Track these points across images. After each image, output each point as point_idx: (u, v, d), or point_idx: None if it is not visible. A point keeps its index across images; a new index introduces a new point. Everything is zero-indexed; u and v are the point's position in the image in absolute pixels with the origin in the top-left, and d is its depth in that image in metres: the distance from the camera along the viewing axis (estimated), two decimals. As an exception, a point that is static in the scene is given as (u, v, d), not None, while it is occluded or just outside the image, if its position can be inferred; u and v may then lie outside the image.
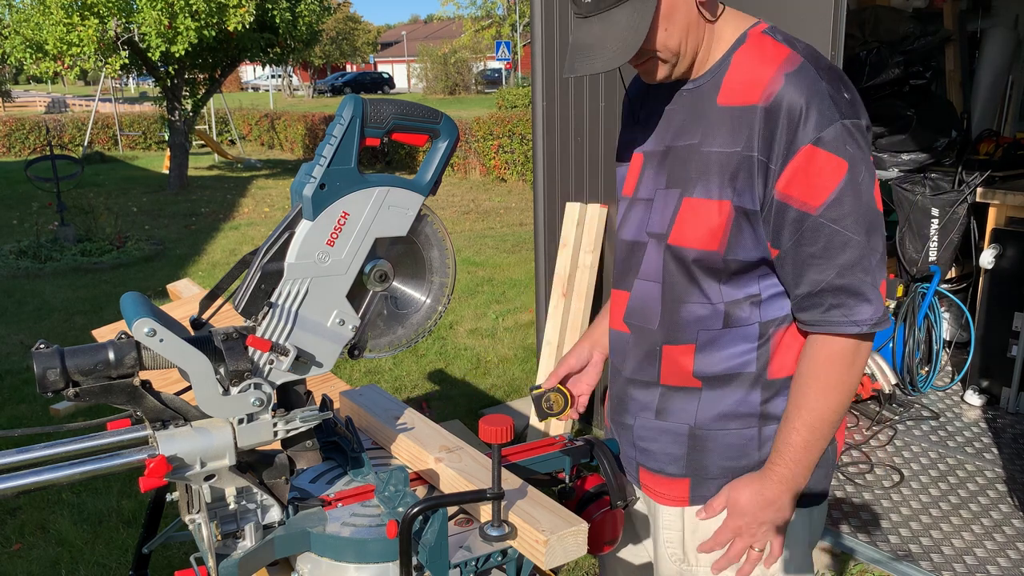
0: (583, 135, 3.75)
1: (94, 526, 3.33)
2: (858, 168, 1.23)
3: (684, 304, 1.39)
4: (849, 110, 1.24)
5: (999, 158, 4.18)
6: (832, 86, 1.25)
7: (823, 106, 1.22)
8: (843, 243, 1.24)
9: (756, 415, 1.39)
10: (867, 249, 1.25)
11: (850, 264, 1.25)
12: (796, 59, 1.27)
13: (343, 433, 1.49)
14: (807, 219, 1.24)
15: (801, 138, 1.22)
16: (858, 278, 1.25)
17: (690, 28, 1.32)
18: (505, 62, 37.61)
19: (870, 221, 1.25)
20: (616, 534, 1.52)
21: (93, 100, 20.80)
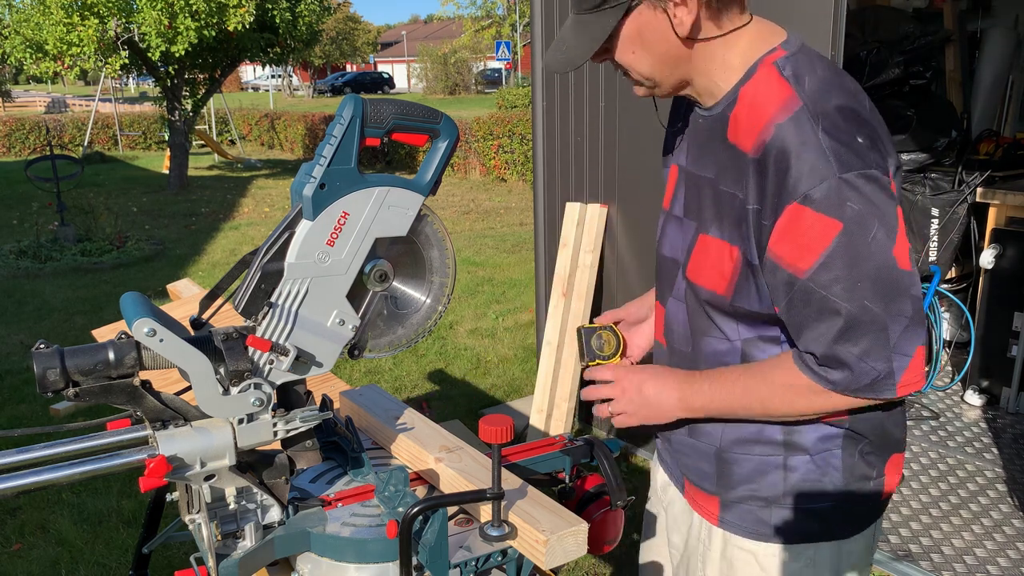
0: (583, 135, 3.75)
1: (94, 526, 3.33)
2: (862, 227, 1.10)
3: (704, 336, 1.37)
4: (855, 160, 1.11)
5: (999, 158, 4.18)
6: (834, 135, 1.12)
7: (816, 161, 1.11)
8: (833, 311, 1.13)
9: (779, 443, 1.33)
10: (874, 314, 1.13)
11: (839, 333, 1.15)
12: (794, 104, 1.16)
13: (343, 433, 1.50)
14: (796, 282, 1.16)
15: (788, 196, 1.13)
16: (845, 349, 1.15)
17: (669, 57, 1.24)
18: (505, 62, 37.61)
19: (889, 286, 1.12)
20: (616, 534, 1.52)
21: (93, 100, 20.80)
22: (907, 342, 1.15)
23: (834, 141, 1.12)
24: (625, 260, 3.69)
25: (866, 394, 1.18)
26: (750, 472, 1.36)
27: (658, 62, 1.25)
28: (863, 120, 1.17)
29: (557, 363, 3.81)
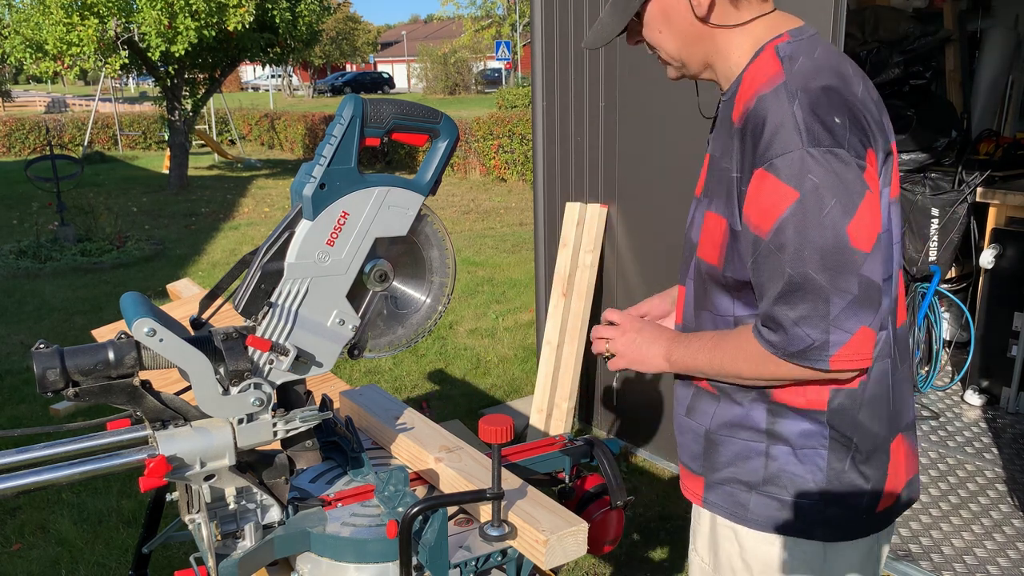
0: (583, 135, 3.75)
1: (94, 526, 3.33)
2: (818, 199, 1.15)
3: (703, 311, 1.41)
4: (826, 137, 1.15)
5: (999, 158, 4.18)
6: (809, 111, 1.17)
7: (787, 132, 1.16)
8: (779, 273, 1.18)
9: (763, 431, 1.34)
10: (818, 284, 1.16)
11: (779, 295, 1.19)
12: (778, 79, 1.21)
13: (343, 433, 1.50)
14: (760, 244, 1.21)
15: (758, 161, 1.19)
16: (783, 312, 1.19)
17: (691, 37, 1.31)
18: (505, 62, 37.61)
19: (836, 259, 1.16)
20: (616, 534, 1.52)
21: (93, 100, 20.80)
22: (849, 319, 1.18)
23: (808, 116, 1.16)
24: (625, 260, 3.69)
25: (798, 361, 1.21)
26: (733, 456, 1.38)
27: (682, 42, 1.33)
28: (847, 103, 1.20)
29: (557, 363, 3.81)
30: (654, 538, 3.12)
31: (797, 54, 1.25)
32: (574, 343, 3.77)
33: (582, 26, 3.63)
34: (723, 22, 1.29)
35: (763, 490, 1.35)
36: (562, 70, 3.79)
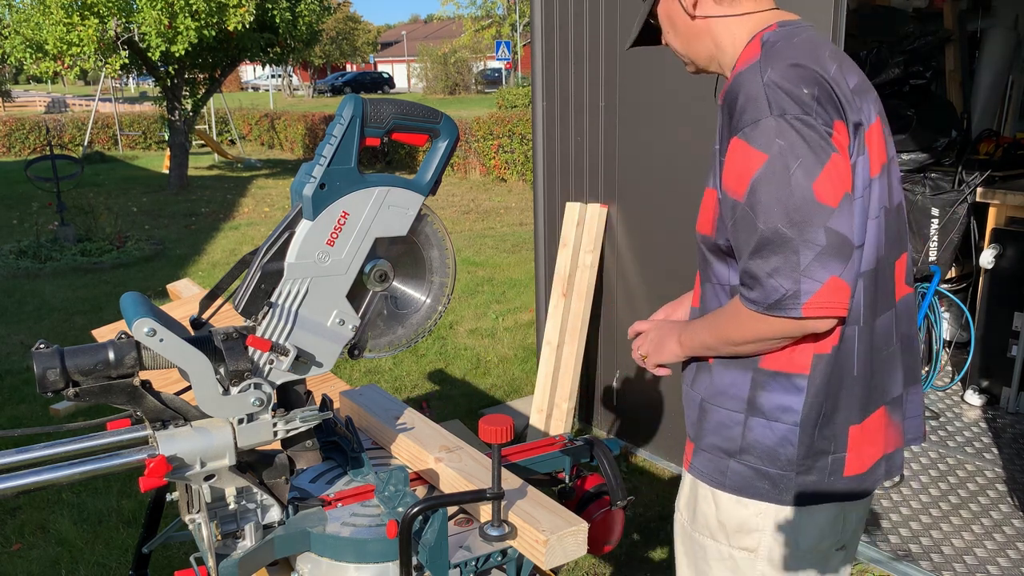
0: (583, 135, 3.75)
1: (94, 526, 3.33)
2: (784, 161, 1.24)
3: (706, 283, 1.52)
4: (792, 106, 1.24)
5: (999, 158, 4.18)
6: (777, 82, 1.26)
7: (758, 102, 1.26)
8: (753, 229, 1.26)
9: (744, 400, 1.41)
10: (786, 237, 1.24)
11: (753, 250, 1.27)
12: (753, 57, 1.32)
13: (343, 433, 1.50)
14: (737, 206, 1.30)
15: (734, 130, 1.29)
16: (758, 265, 1.26)
17: (690, 35, 1.44)
18: (505, 62, 37.60)
19: (802, 213, 1.23)
20: (616, 534, 1.52)
21: (93, 100, 20.80)
22: (818, 268, 1.24)
23: (776, 88, 1.26)
24: (625, 260, 3.69)
25: (776, 312, 1.27)
26: (717, 424, 1.45)
27: (685, 40, 1.46)
28: (815, 77, 1.28)
29: (557, 363, 3.81)
30: (654, 538, 3.12)
31: (777, 39, 1.34)
32: (574, 343, 3.77)
33: (582, 26, 3.63)
34: (713, 14, 1.40)
35: (740, 458, 1.43)
36: (562, 70, 3.79)
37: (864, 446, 1.43)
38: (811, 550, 1.49)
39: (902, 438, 1.51)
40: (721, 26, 1.41)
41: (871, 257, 1.37)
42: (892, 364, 1.45)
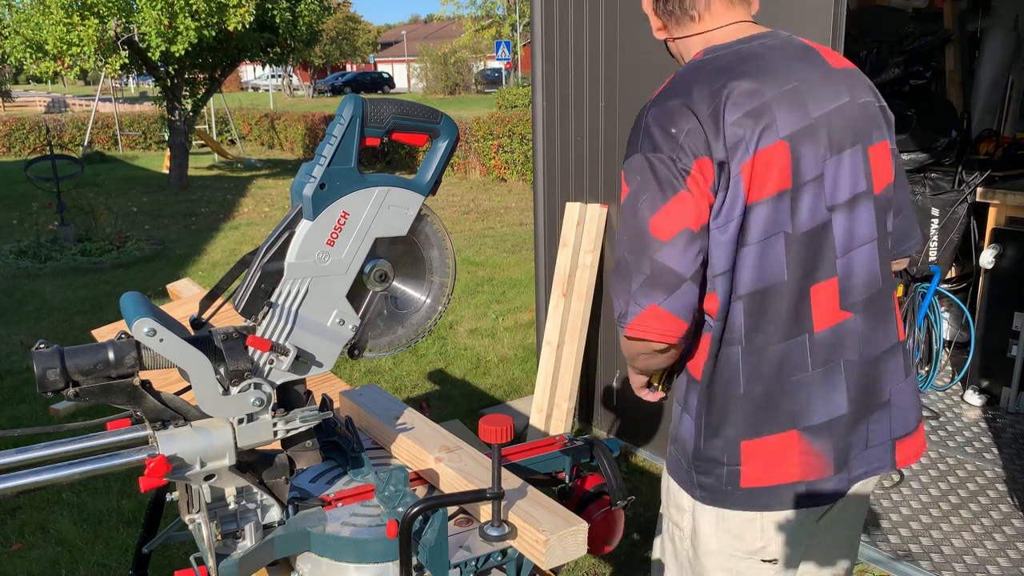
0: (583, 135, 3.75)
1: (94, 526, 3.33)
2: (639, 196, 1.38)
3: None
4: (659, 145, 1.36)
5: (999, 158, 4.18)
6: (656, 122, 1.38)
7: (635, 138, 1.41)
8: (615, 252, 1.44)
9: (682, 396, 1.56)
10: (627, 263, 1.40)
11: (613, 271, 1.45)
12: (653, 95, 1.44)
13: (343, 433, 1.50)
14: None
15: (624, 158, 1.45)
16: (613, 284, 1.43)
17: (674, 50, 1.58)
18: (505, 62, 37.60)
19: (637, 244, 1.38)
20: (616, 534, 1.52)
21: (93, 100, 20.79)
22: (642, 295, 1.39)
23: (649, 126, 1.39)
24: (625, 260, 3.69)
25: (619, 327, 1.44)
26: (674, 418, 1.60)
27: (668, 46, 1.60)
28: (691, 117, 1.36)
29: (557, 363, 3.81)
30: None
31: (690, 68, 1.44)
32: (574, 343, 3.77)
33: (582, 26, 3.63)
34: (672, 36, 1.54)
35: (673, 445, 1.58)
36: (562, 70, 3.79)
37: (762, 465, 1.44)
38: (722, 552, 1.52)
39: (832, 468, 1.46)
40: (680, 45, 1.54)
41: (749, 281, 1.39)
42: (815, 390, 1.43)
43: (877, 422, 1.49)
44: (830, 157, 1.40)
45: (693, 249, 1.37)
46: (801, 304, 1.41)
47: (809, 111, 1.39)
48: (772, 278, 1.39)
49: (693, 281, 1.38)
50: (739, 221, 1.37)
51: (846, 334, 1.44)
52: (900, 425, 1.52)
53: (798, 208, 1.38)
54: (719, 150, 1.35)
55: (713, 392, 1.46)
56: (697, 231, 1.36)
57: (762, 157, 1.35)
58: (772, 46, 1.45)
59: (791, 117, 1.37)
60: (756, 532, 1.49)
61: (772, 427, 1.44)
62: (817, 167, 1.39)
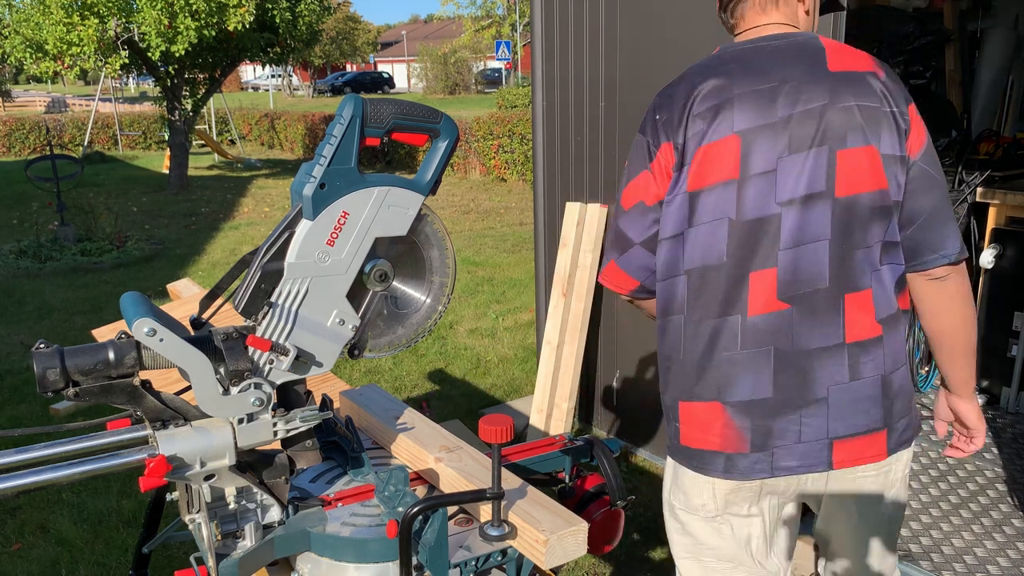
0: (583, 135, 3.75)
1: (94, 526, 3.33)
2: (625, 169, 1.64)
3: None
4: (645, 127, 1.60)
5: (999, 158, 4.18)
6: (652, 107, 1.60)
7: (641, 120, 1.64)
8: None
9: None
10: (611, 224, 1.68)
11: None
12: None
13: (343, 433, 1.50)
14: None
15: None
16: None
17: None
18: (505, 62, 37.59)
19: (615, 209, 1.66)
20: (616, 534, 1.52)
21: (93, 100, 20.79)
22: (608, 252, 1.69)
23: (649, 110, 1.62)
24: (625, 260, 3.69)
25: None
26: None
27: None
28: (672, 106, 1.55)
29: (557, 363, 3.81)
30: (654, 538, 3.12)
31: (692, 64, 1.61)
32: (574, 343, 3.77)
33: (582, 26, 3.63)
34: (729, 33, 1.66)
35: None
36: (562, 70, 3.79)
37: (694, 427, 1.58)
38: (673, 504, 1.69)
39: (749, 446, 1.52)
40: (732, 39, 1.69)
41: (697, 258, 1.52)
42: (741, 369, 1.51)
43: (811, 417, 1.51)
44: (787, 155, 1.46)
45: (645, 220, 1.59)
46: (738, 287, 1.50)
47: (776, 110, 1.46)
48: (713, 259, 1.51)
49: (644, 247, 1.61)
50: (684, 198, 1.52)
51: (780, 323, 1.50)
52: (840, 425, 1.52)
53: (744, 198, 1.48)
54: (680, 136, 1.53)
55: (662, 353, 1.64)
56: (650, 205, 1.58)
57: (713, 147, 1.49)
58: (774, 48, 1.52)
59: (750, 115, 1.47)
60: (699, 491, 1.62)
61: (701, 395, 1.56)
62: (769, 163, 1.47)
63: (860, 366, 1.50)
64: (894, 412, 1.55)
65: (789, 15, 1.58)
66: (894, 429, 1.56)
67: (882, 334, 1.51)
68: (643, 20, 3.38)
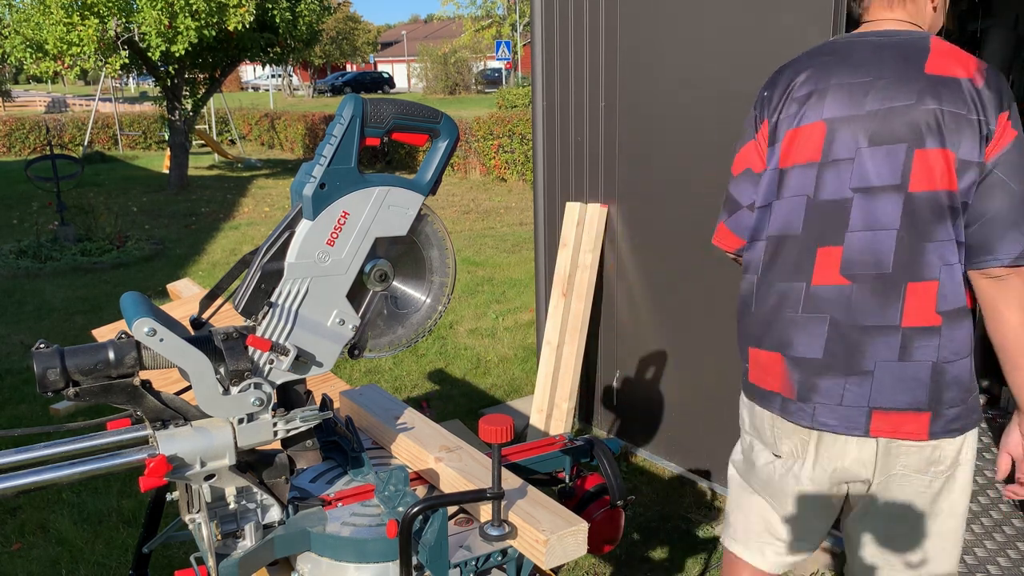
0: (583, 135, 3.75)
1: (94, 526, 3.33)
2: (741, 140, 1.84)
3: None
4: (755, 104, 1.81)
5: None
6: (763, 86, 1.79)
7: None
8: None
9: None
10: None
11: None
12: None
13: (343, 433, 1.49)
14: None
15: None
16: None
17: None
18: (505, 62, 37.60)
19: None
20: (617, 534, 1.52)
21: (93, 100, 20.79)
22: (720, 214, 1.90)
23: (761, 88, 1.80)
24: (625, 260, 3.69)
25: None
26: None
27: None
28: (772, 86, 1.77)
29: (557, 363, 3.81)
30: (654, 538, 3.12)
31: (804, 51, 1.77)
32: (574, 343, 3.77)
33: (582, 26, 3.63)
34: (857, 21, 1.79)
35: None
36: (562, 70, 3.79)
37: (758, 370, 1.81)
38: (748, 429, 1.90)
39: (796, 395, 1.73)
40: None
41: (777, 227, 1.74)
42: (800, 329, 1.71)
43: (855, 385, 1.65)
44: (867, 147, 1.60)
45: (752, 185, 1.80)
46: (807, 258, 1.69)
47: (864, 104, 1.61)
48: (789, 230, 1.71)
49: (750, 209, 1.81)
50: (775, 173, 1.73)
51: (840, 296, 1.65)
52: (882, 398, 1.63)
53: (822, 180, 1.66)
54: (776, 116, 1.73)
55: (740, 305, 1.85)
56: (757, 172, 1.79)
57: (803, 131, 1.68)
58: (878, 44, 1.66)
59: (840, 105, 1.64)
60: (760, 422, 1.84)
61: (766, 344, 1.77)
62: (850, 151, 1.62)
63: (913, 350, 1.60)
64: (944, 399, 1.63)
65: (913, 12, 1.69)
66: (940, 415, 1.63)
67: (941, 325, 1.59)
68: (643, 20, 3.38)
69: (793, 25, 2.83)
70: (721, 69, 3.08)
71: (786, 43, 2.85)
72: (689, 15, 3.18)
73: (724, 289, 3.28)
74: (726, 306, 3.30)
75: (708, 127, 3.14)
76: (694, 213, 3.27)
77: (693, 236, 3.31)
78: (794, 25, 2.82)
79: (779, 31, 2.87)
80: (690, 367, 3.48)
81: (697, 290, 3.38)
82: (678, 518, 3.24)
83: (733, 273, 3.24)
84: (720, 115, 3.08)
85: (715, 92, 3.10)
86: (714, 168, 3.14)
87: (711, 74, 3.12)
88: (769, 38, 2.90)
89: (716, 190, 3.34)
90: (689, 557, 3.01)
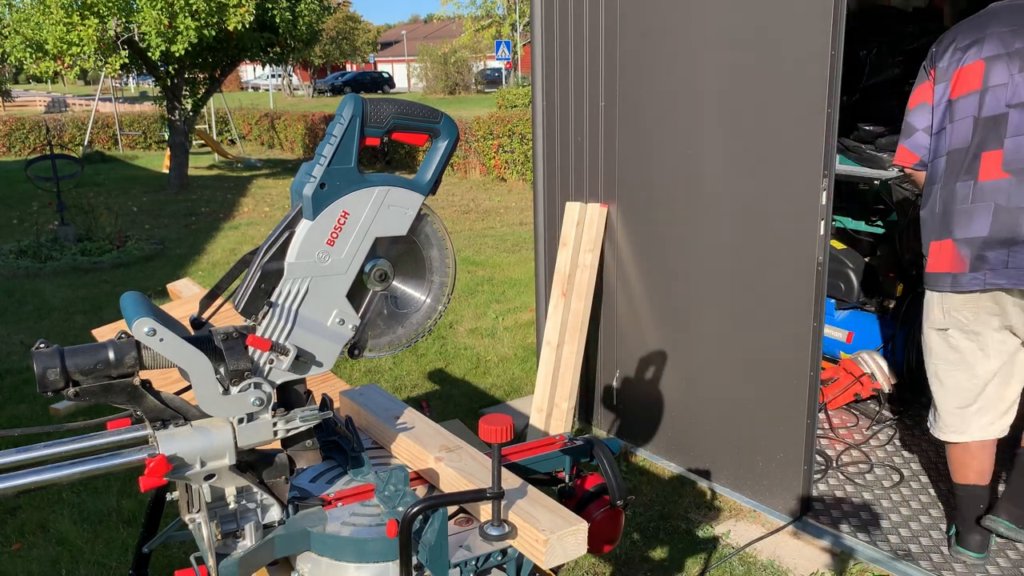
0: (583, 135, 3.75)
1: (94, 526, 3.33)
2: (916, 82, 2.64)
3: None
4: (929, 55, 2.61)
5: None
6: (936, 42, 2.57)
7: None
8: None
9: None
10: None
11: None
12: None
13: (343, 433, 1.50)
14: None
15: None
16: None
17: None
18: (505, 62, 37.59)
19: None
20: (616, 533, 1.52)
21: (93, 100, 20.79)
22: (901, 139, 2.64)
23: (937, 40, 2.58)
24: (625, 260, 3.69)
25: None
26: None
27: None
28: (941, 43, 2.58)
29: (557, 363, 3.81)
30: (654, 538, 3.12)
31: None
32: (574, 343, 3.77)
33: (582, 26, 3.63)
34: None
35: None
36: (562, 70, 3.79)
37: (934, 258, 2.54)
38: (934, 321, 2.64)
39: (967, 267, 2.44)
40: None
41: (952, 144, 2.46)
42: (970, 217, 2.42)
43: (1017, 252, 2.35)
44: (1018, 73, 2.35)
45: (925, 114, 2.57)
46: (975, 162, 2.41)
47: (1014, 43, 2.36)
48: (961, 143, 2.44)
49: (924, 132, 2.56)
50: (946, 105, 2.48)
51: (1001, 187, 2.36)
52: None
53: (984, 102, 2.40)
54: (943, 62, 2.51)
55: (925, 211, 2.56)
56: (930, 104, 2.56)
57: (967, 69, 2.44)
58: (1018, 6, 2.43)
59: (994, 47, 2.40)
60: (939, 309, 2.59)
61: (940, 235, 2.50)
62: (1003, 78, 2.37)
63: None
64: None
65: None
66: None
67: None
68: (643, 19, 3.38)
69: (793, 28, 2.83)
70: (721, 69, 3.08)
71: (786, 42, 2.85)
72: (689, 15, 3.18)
73: (724, 289, 3.28)
74: (726, 306, 3.30)
75: (708, 127, 3.14)
76: (694, 213, 3.26)
77: (693, 236, 3.31)
78: (794, 28, 2.82)
79: (779, 29, 2.87)
80: (690, 367, 3.48)
81: (697, 290, 3.38)
82: (678, 518, 3.24)
83: (733, 273, 3.24)
84: (720, 114, 3.08)
85: (715, 92, 3.10)
86: (714, 168, 3.14)
87: (711, 74, 3.12)
88: (769, 37, 2.90)
89: (717, 189, 3.36)
90: (689, 557, 3.01)
